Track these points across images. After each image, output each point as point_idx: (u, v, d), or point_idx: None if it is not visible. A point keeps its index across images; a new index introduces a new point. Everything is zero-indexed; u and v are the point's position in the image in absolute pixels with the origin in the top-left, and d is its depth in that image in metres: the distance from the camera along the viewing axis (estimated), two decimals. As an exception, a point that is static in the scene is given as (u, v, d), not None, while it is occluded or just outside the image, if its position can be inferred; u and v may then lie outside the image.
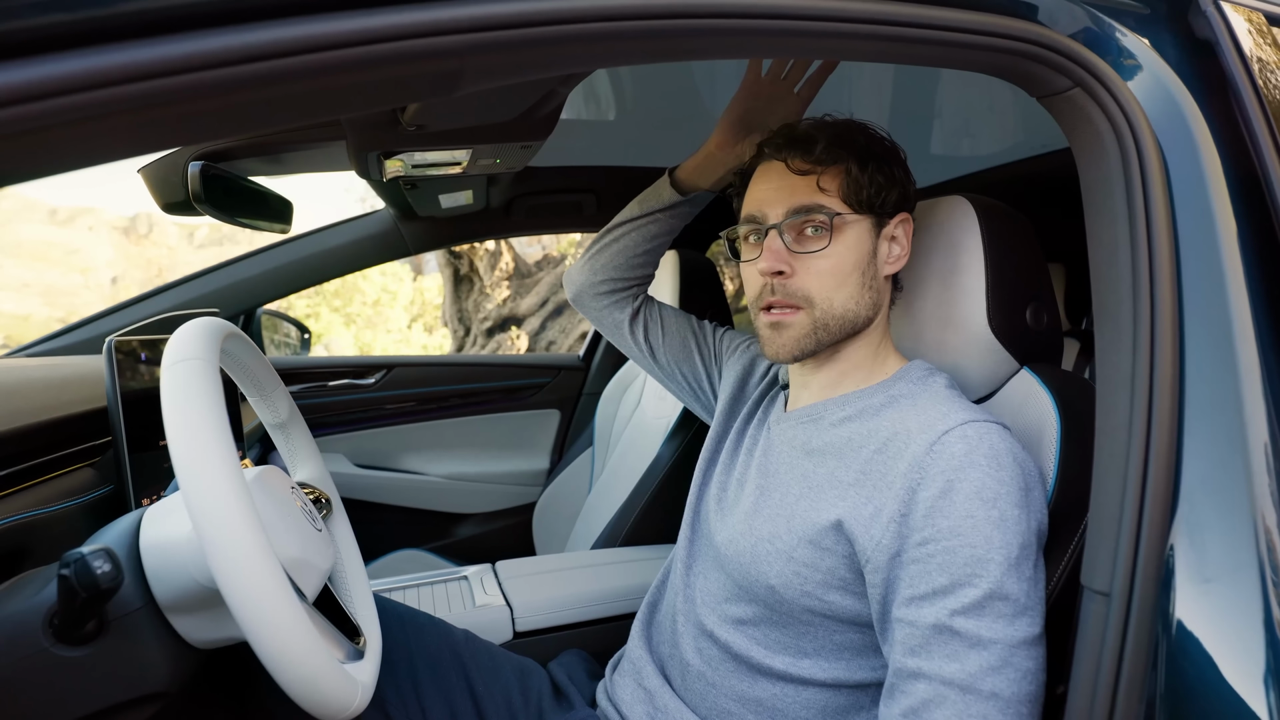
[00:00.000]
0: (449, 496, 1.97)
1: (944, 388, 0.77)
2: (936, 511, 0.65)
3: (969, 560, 0.62)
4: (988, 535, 0.63)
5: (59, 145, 0.38)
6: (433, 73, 0.46)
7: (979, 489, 0.64)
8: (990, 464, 0.65)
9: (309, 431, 0.85)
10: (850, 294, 0.77)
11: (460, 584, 1.21)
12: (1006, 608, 0.61)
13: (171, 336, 0.59)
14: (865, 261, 0.78)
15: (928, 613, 0.63)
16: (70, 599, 0.50)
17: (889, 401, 0.77)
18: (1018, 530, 0.64)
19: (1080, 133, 0.69)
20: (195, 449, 0.52)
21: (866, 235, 0.78)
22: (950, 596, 0.63)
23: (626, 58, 0.55)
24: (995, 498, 0.64)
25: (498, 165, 1.15)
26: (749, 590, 0.77)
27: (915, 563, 0.65)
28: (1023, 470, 0.67)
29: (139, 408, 1.01)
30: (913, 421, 0.71)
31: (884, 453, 0.71)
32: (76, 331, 1.49)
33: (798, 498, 0.76)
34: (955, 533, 0.63)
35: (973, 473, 0.65)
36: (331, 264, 1.71)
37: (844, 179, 0.77)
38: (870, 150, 0.78)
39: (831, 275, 0.76)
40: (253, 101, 0.42)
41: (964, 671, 0.61)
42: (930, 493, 0.65)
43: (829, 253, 0.76)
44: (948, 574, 0.63)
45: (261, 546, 0.51)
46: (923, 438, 0.68)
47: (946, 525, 0.64)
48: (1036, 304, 0.84)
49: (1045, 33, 0.66)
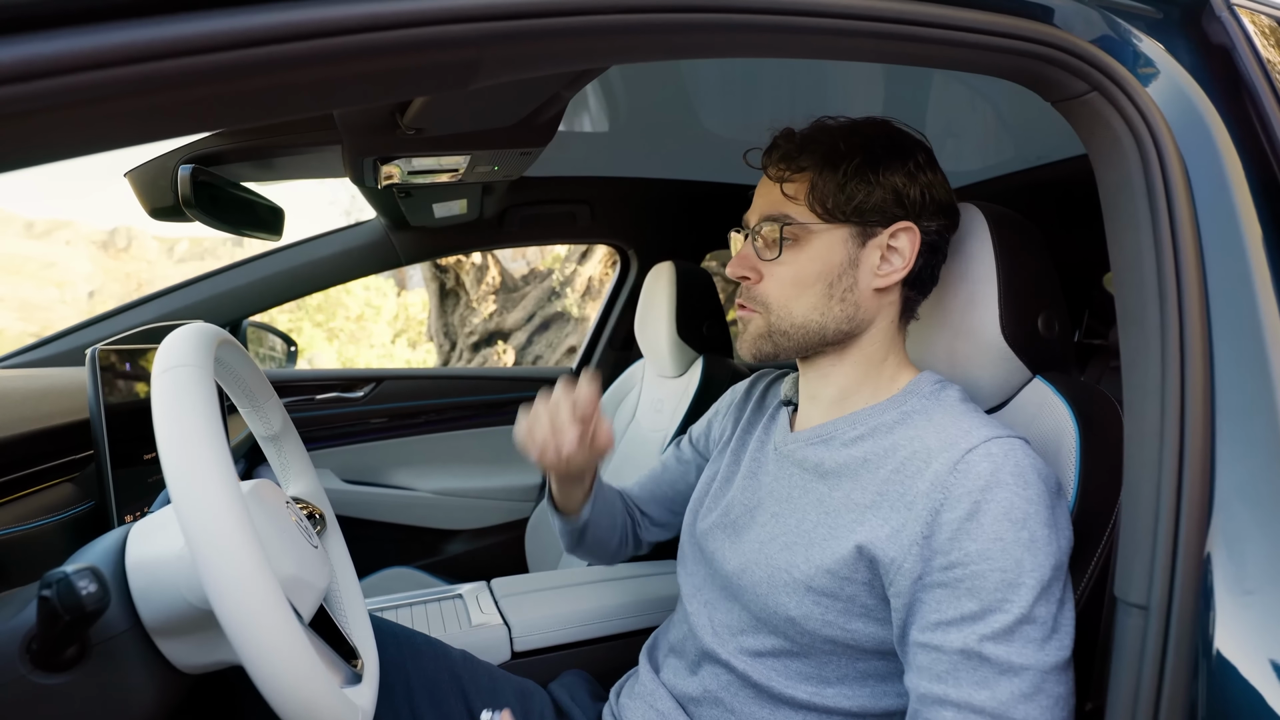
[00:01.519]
0: (439, 512, 1.92)
1: (958, 401, 0.74)
2: (964, 534, 0.62)
3: (999, 585, 0.60)
4: (1018, 559, 0.60)
5: (49, 130, 0.36)
6: (449, 62, 0.44)
7: (1007, 510, 0.61)
8: (1017, 483, 0.62)
9: (302, 444, 0.82)
10: (812, 304, 0.74)
11: (455, 602, 1.17)
12: (1037, 632, 0.59)
13: (163, 342, 0.56)
14: (835, 272, 0.74)
15: (955, 638, 0.61)
16: (51, 622, 0.47)
17: (902, 418, 0.73)
18: (1049, 552, 0.61)
19: (1098, 137, 0.69)
20: (190, 459, 0.48)
21: (839, 245, 0.74)
22: (980, 622, 0.60)
23: (647, 53, 0.53)
24: (1025, 518, 0.61)
25: (495, 172, 1.13)
26: (767, 622, 0.74)
27: (942, 587, 0.62)
28: (1048, 487, 0.64)
29: (122, 420, 0.97)
30: (932, 439, 0.68)
31: (902, 471, 0.68)
32: (56, 343, 1.44)
33: (815, 524, 0.72)
34: (984, 556, 0.61)
35: (1000, 493, 0.62)
36: (321, 274, 1.67)
37: (808, 186, 0.74)
38: (847, 156, 0.73)
39: (791, 284, 0.75)
40: (256, 89, 0.40)
41: (994, 699, 0.58)
42: (956, 514, 0.62)
43: (785, 260, 0.75)
44: (977, 599, 0.60)
45: (260, 564, 0.48)
46: (945, 456, 0.66)
47: (975, 549, 0.61)
48: (1048, 312, 0.83)
49: (1062, 35, 0.65)
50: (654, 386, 1.65)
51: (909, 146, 0.76)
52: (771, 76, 1.29)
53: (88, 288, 25.02)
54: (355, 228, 1.72)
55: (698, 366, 1.50)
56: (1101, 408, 0.76)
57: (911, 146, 0.76)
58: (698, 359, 1.53)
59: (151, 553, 0.56)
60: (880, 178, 0.73)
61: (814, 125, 0.78)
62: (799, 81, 1.31)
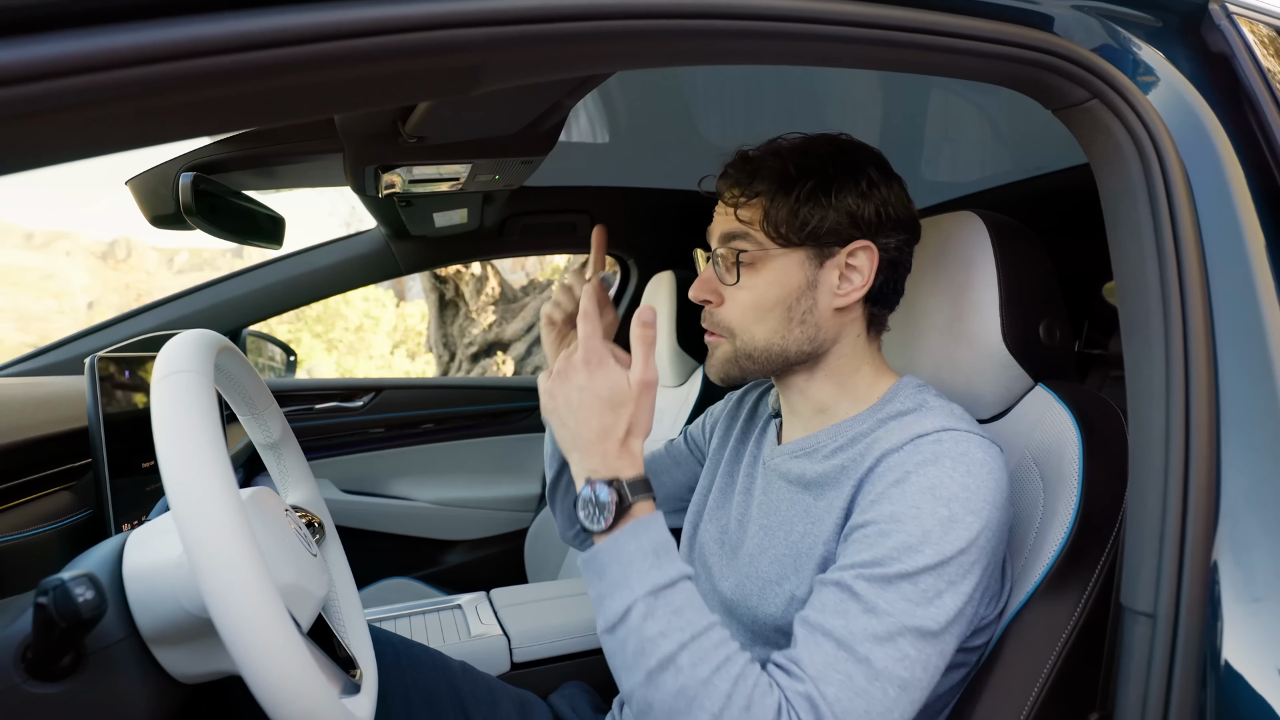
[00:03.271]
0: (438, 523, 1.91)
1: (937, 404, 0.73)
2: (884, 498, 0.63)
3: (897, 546, 0.60)
4: (927, 529, 0.60)
5: (51, 133, 0.36)
6: (452, 67, 0.44)
7: (934, 485, 0.62)
8: (956, 467, 0.62)
9: (301, 453, 0.82)
10: (773, 328, 0.73)
11: (454, 613, 1.16)
12: (913, 592, 0.58)
13: (163, 348, 0.56)
14: (794, 296, 0.72)
15: (836, 575, 0.61)
16: (47, 630, 0.46)
17: (879, 425, 0.73)
18: (962, 536, 0.60)
19: (1099, 145, 0.69)
20: (189, 467, 0.48)
21: (797, 268, 0.72)
22: (865, 568, 0.60)
23: (651, 59, 0.53)
24: (949, 498, 0.61)
25: (496, 181, 1.13)
26: (760, 634, 0.73)
27: (851, 542, 0.63)
28: (995, 483, 0.63)
29: (121, 429, 0.97)
30: (897, 433, 0.69)
31: (874, 470, 0.68)
32: (55, 352, 1.44)
33: (802, 534, 0.72)
34: (895, 518, 0.61)
35: (932, 469, 0.62)
36: (320, 284, 1.67)
37: (762, 212, 0.73)
38: (799, 180, 0.72)
39: (752, 309, 0.73)
40: (258, 93, 0.40)
41: (846, 629, 0.58)
42: (884, 483, 0.64)
43: (744, 284, 0.74)
44: (872, 551, 0.61)
45: (259, 573, 0.48)
46: (898, 438, 0.67)
47: (889, 511, 0.62)
48: (1049, 320, 0.83)
49: (1062, 44, 0.65)
50: (654, 396, 1.64)
51: (861, 163, 0.73)
52: (770, 87, 1.29)
53: (86, 298, 25.06)
54: (355, 237, 1.72)
55: (697, 376, 1.50)
56: (1104, 415, 0.76)
57: (864, 163, 0.74)
58: (697, 368, 1.53)
59: (149, 560, 0.56)
60: (833, 199, 0.71)
61: (766, 147, 0.76)
62: (797, 92, 1.31)
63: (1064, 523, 0.70)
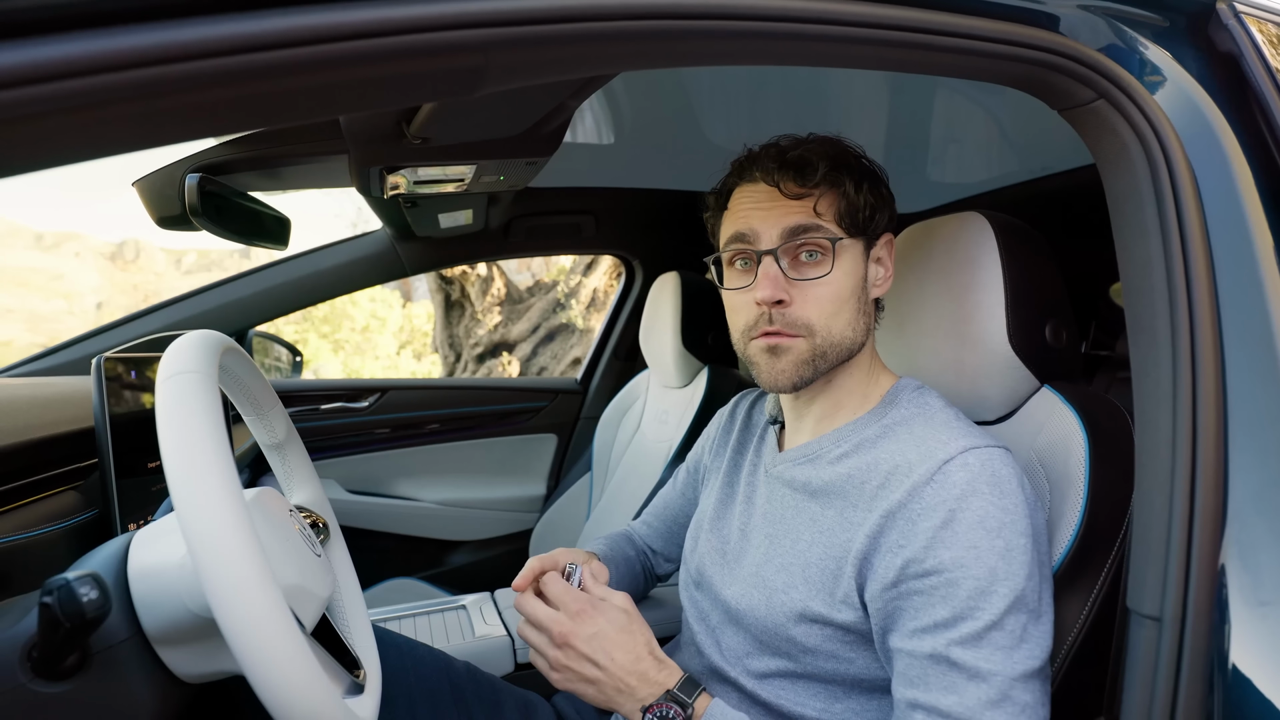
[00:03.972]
0: (443, 523, 1.92)
1: (940, 409, 0.73)
2: (939, 542, 0.62)
3: (972, 592, 0.60)
4: (992, 567, 0.60)
5: (56, 135, 0.36)
6: (455, 68, 0.44)
7: (982, 518, 0.62)
8: (994, 492, 0.63)
9: (306, 453, 0.82)
10: (848, 320, 0.73)
11: (458, 613, 1.16)
12: (1006, 640, 0.59)
13: (168, 350, 0.56)
14: (860, 286, 0.75)
15: (927, 643, 0.61)
16: (52, 630, 0.46)
17: (884, 431, 0.73)
18: (1023, 561, 0.61)
19: (1105, 145, 0.68)
20: (193, 466, 0.48)
21: (860, 259, 0.75)
22: (951, 629, 0.61)
23: (654, 60, 0.53)
24: (1000, 527, 0.62)
25: (501, 182, 1.13)
26: (769, 645, 0.73)
27: (917, 594, 0.63)
28: (1025, 496, 0.65)
29: (127, 429, 0.97)
30: (912, 452, 0.68)
31: (886, 485, 0.68)
32: (63, 352, 1.45)
33: (809, 544, 0.72)
34: (959, 564, 0.61)
35: (976, 501, 0.62)
36: (327, 285, 1.68)
37: (841, 202, 0.73)
38: (864, 171, 0.76)
39: (831, 302, 0.72)
40: (263, 94, 0.40)
41: (962, 704, 0.59)
42: (932, 523, 0.63)
43: (829, 279, 0.72)
44: (950, 606, 0.61)
45: (262, 573, 0.48)
46: (923, 468, 0.66)
47: (950, 556, 0.62)
48: (1055, 321, 0.83)
49: (1068, 43, 0.65)
50: (659, 397, 1.64)
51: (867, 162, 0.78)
52: (774, 88, 1.29)
53: (95, 299, 25.22)
54: (361, 238, 1.73)
55: (703, 377, 1.50)
56: (1111, 417, 0.75)
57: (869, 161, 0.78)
58: (702, 369, 1.52)
59: (153, 560, 0.56)
60: (884, 192, 0.77)
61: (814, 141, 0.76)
62: (801, 93, 1.31)
63: (1070, 525, 0.70)
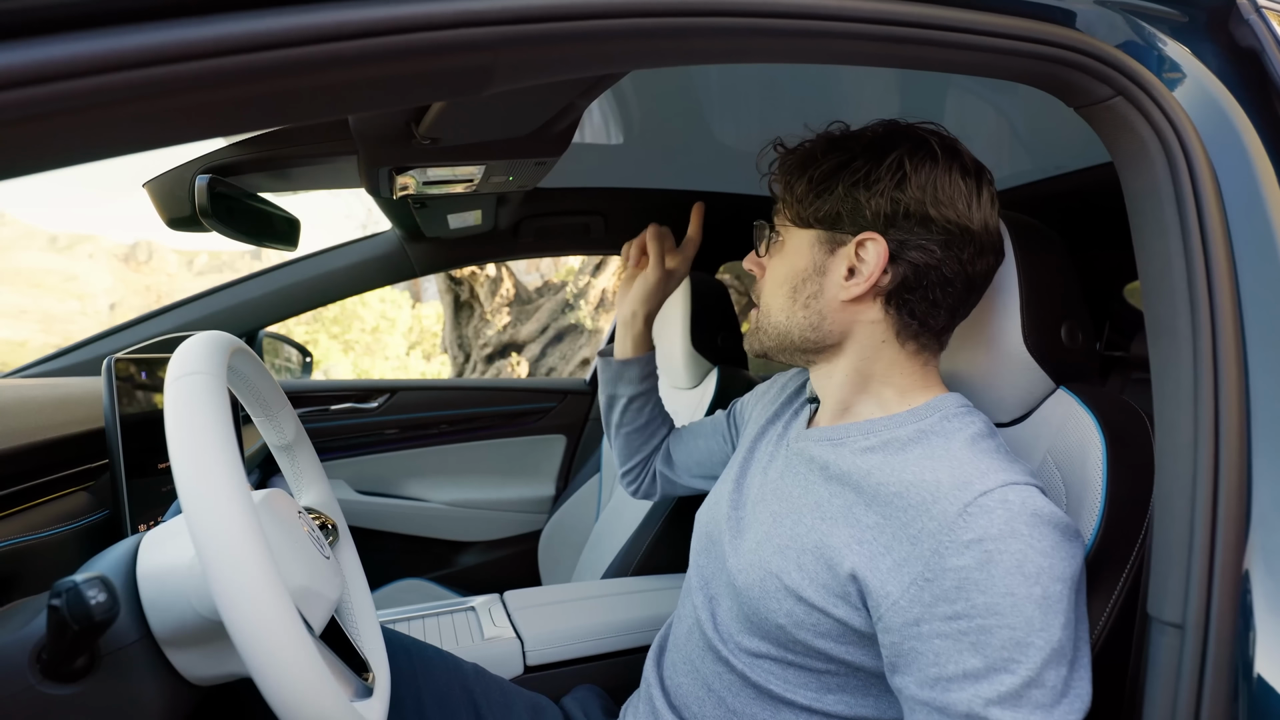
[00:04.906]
0: (452, 524, 1.92)
1: (982, 435, 0.68)
2: (972, 585, 0.58)
3: (1007, 643, 0.56)
4: (1029, 617, 0.56)
5: (61, 135, 0.35)
6: (462, 67, 0.43)
7: (1020, 562, 0.57)
8: (1033, 534, 0.58)
9: (315, 454, 0.82)
10: (781, 305, 0.76)
11: (467, 615, 1.16)
12: (1046, 697, 0.55)
13: (176, 350, 0.56)
14: (800, 276, 0.73)
15: (958, 698, 0.57)
16: (61, 632, 0.46)
17: (917, 436, 0.69)
18: (1061, 609, 0.57)
19: (1123, 143, 0.67)
20: (200, 468, 0.48)
21: (806, 249, 0.73)
22: (983, 682, 0.56)
23: (664, 58, 0.52)
24: (1039, 573, 0.57)
25: (510, 183, 1.13)
26: (759, 627, 0.71)
27: (943, 638, 0.58)
28: (1066, 538, 0.60)
29: (138, 430, 0.97)
30: (944, 472, 0.64)
31: (907, 499, 0.64)
32: (75, 353, 1.46)
33: (809, 529, 0.70)
34: (992, 611, 0.57)
35: (1014, 544, 0.58)
36: (336, 286, 1.68)
37: (787, 192, 0.76)
38: (819, 163, 0.72)
39: (770, 283, 0.78)
40: (270, 94, 0.39)
41: None
42: (964, 562, 0.58)
43: (770, 260, 0.79)
44: (982, 656, 0.57)
45: (270, 575, 0.48)
46: (956, 495, 0.61)
47: (983, 602, 0.57)
48: (1071, 322, 0.82)
49: (1085, 39, 0.64)
50: (668, 398, 1.63)
51: (889, 152, 0.69)
52: (784, 88, 1.28)
53: (109, 300, 25.45)
54: (370, 239, 1.73)
55: (712, 378, 1.49)
56: (1128, 419, 0.74)
57: (892, 152, 0.69)
58: (712, 370, 1.52)
59: (162, 562, 0.56)
60: (840, 185, 0.70)
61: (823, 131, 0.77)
62: (813, 93, 1.30)
63: (1087, 529, 0.69)
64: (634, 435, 1.11)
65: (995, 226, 0.72)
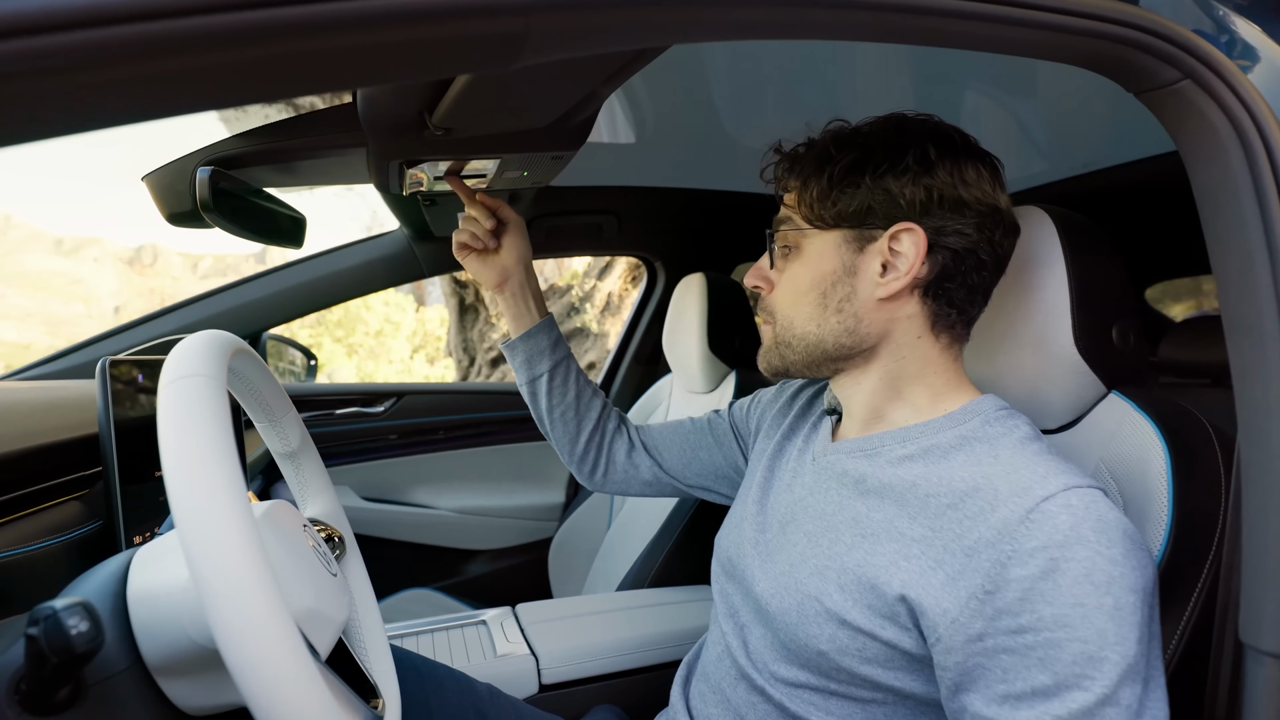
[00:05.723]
0: (460, 532, 1.87)
1: (1029, 438, 0.64)
2: (1037, 595, 0.54)
3: (1078, 658, 0.52)
4: (1101, 629, 0.52)
5: (34, 100, 0.31)
6: (493, 34, 0.39)
7: (1089, 571, 0.53)
8: (1100, 539, 0.54)
9: (321, 462, 0.77)
10: (808, 314, 0.70)
11: (479, 629, 1.11)
12: (1120, 716, 0.51)
13: (172, 351, 0.51)
14: (829, 280, 0.69)
15: (1027, 716, 0.53)
16: (39, 663, 0.42)
17: (960, 442, 0.65)
18: (1134, 622, 0.53)
19: (1191, 130, 0.62)
20: (196, 479, 0.43)
21: (831, 251, 0.69)
22: (1054, 700, 0.52)
23: (709, 31, 0.48)
24: (1109, 582, 0.53)
25: (524, 179, 1.08)
26: (798, 655, 0.67)
27: (1009, 653, 0.54)
28: (1135, 545, 0.55)
29: (134, 435, 0.93)
30: (999, 478, 0.60)
31: (960, 509, 0.60)
32: (74, 355, 1.42)
33: (849, 547, 0.65)
34: (1061, 623, 0.53)
35: (1081, 550, 0.54)
36: (342, 286, 1.64)
37: (810, 193, 0.70)
38: (836, 159, 0.69)
39: (790, 292, 0.72)
40: (280, 56, 0.35)
41: None
42: (1028, 571, 0.54)
43: (786, 269, 0.73)
44: (1051, 672, 0.53)
45: (272, 599, 0.43)
46: (1016, 502, 0.57)
47: (1050, 614, 0.53)
48: (1122, 323, 0.77)
49: (1150, 17, 0.59)
50: (683, 402, 1.59)
51: (912, 141, 0.67)
52: (805, 84, 1.24)
53: (114, 303, 25.54)
54: (378, 239, 1.69)
55: (730, 381, 1.44)
56: (1192, 427, 0.69)
57: (917, 141, 0.67)
58: (730, 373, 1.47)
59: (154, 583, 0.51)
60: (868, 178, 0.67)
61: (826, 129, 0.73)
62: (828, 89, 1.26)
63: (1154, 545, 0.64)
64: (569, 413, 1.00)
65: (1010, 206, 0.71)
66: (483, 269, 0.99)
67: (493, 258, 0.99)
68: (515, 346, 1.00)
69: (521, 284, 0.99)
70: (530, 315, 0.99)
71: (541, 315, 1.00)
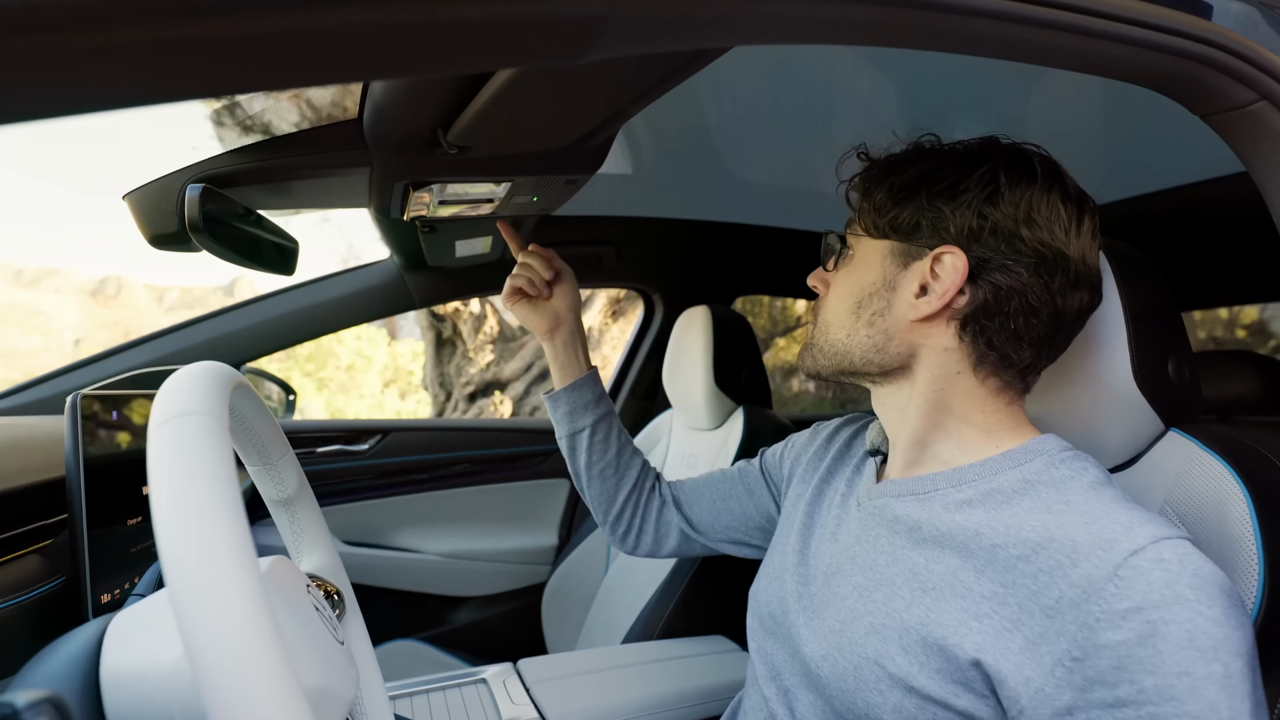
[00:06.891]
0: (447, 577, 1.76)
1: (1102, 483, 0.59)
2: (1135, 663, 0.48)
3: None
4: (1213, 701, 0.46)
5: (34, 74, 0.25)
6: (569, 17, 0.33)
7: (1192, 635, 0.48)
8: (1200, 598, 0.49)
9: (319, 509, 0.69)
10: (843, 322, 0.69)
11: (478, 688, 1.02)
12: None
13: (165, 384, 0.44)
14: (867, 290, 0.67)
15: None
16: (-6, 771, 0.33)
17: (1024, 486, 0.60)
18: (1246, 691, 0.47)
19: (1266, 152, 0.59)
20: (197, 536, 0.36)
21: (876, 261, 0.67)
22: None
23: (783, 32, 0.43)
24: (1216, 646, 0.47)
25: (534, 204, 1.03)
26: None
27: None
28: (1233, 601, 0.50)
29: (103, 476, 0.84)
30: (1077, 528, 0.54)
31: (1033, 562, 0.54)
32: (34, 389, 1.31)
33: (908, 603, 0.59)
34: (1167, 695, 0.47)
35: (1181, 611, 0.48)
36: (329, 317, 1.55)
37: (865, 200, 0.70)
38: (900, 171, 0.67)
39: (835, 297, 0.72)
40: (308, 30, 0.29)
41: None
42: (1123, 636, 0.49)
43: (836, 278, 0.73)
44: None
45: (286, 684, 0.35)
46: (1100, 556, 0.51)
47: (1153, 685, 0.47)
48: (1178, 357, 0.73)
49: (1227, 34, 0.56)
50: (685, 439, 1.52)
51: (978, 165, 0.63)
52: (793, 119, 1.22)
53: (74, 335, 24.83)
54: (366, 268, 1.61)
55: (738, 418, 1.38)
56: (1262, 464, 0.65)
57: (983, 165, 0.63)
58: (736, 409, 1.41)
59: (135, 661, 0.43)
60: (925, 195, 0.64)
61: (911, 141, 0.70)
62: (828, 123, 1.24)
63: (1246, 599, 0.59)
64: (609, 471, 0.96)
65: (1094, 262, 0.65)
66: (533, 315, 0.97)
67: (544, 305, 0.98)
68: (559, 398, 0.97)
69: (573, 332, 0.98)
70: (578, 366, 0.97)
71: (588, 367, 0.98)
